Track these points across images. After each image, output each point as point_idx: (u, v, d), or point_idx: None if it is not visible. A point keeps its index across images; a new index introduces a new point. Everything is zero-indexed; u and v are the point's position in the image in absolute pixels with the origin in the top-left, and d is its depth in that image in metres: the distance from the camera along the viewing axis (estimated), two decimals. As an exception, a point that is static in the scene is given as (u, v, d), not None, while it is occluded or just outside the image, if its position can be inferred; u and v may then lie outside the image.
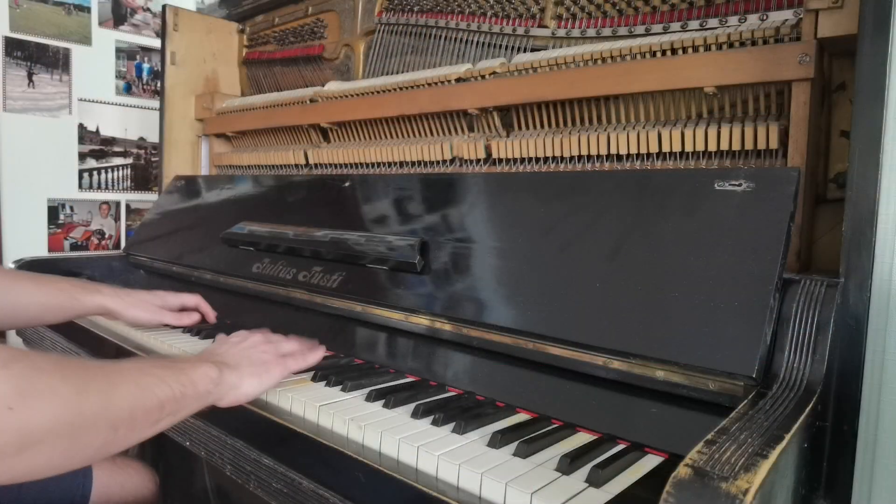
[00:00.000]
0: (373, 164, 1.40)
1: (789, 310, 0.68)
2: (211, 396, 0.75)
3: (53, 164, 2.36)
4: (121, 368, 0.65)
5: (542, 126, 1.13)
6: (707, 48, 0.92)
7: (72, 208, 2.42)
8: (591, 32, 1.13)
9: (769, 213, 0.71)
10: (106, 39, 2.46)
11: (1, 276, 1.00)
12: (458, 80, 1.21)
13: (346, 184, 1.23)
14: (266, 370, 0.82)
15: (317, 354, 0.93)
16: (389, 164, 1.36)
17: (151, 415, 0.65)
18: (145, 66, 2.58)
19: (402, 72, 1.44)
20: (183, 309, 1.20)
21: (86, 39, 2.40)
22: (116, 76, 2.50)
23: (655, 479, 0.63)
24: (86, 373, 0.60)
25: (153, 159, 2.60)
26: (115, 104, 2.50)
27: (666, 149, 0.95)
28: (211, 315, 1.23)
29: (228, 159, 1.84)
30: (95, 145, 2.46)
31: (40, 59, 2.29)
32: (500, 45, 1.27)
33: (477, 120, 1.22)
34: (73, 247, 2.43)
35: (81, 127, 2.42)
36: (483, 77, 1.17)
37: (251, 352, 0.85)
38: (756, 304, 0.66)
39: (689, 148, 0.93)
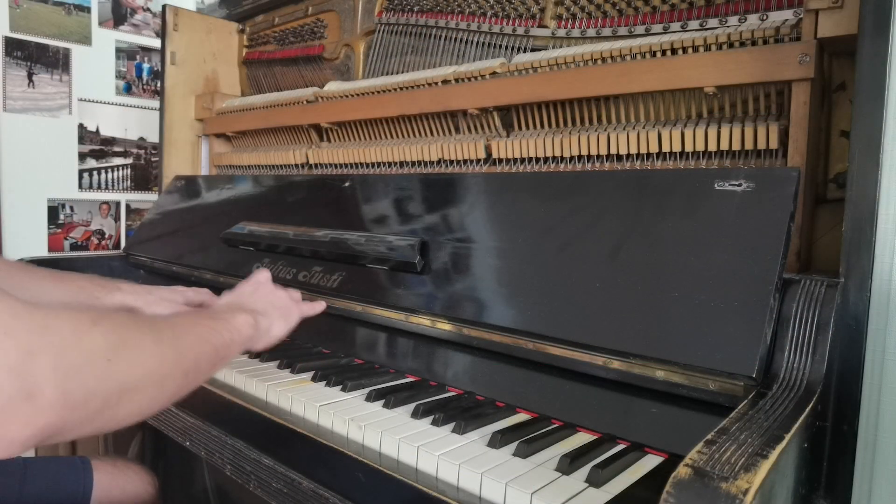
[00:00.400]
0: (373, 164, 1.40)
1: (789, 310, 0.68)
2: (251, 341, 0.82)
3: (53, 164, 2.36)
4: (180, 322, 0.71)
5: (542, 126, 1.13)
6: (707, 48, 0.92)
7: (72, 208, 2.42)
8: (591, 32, 1.13)
9: (769, 213, 0.71)
10: (106, 39, 2.46)
11: (19, 272, 0.99)
12: (458, 80, 1.21)
13: (346, 184, 1.23)
14: (289, 313, 0.91)
15: (322, 303, 1.02)
16: (389, 164, 1.36)
17: (210, 358, 0.71)
18: (145, 66, 2.57)
19: (402, 72, 1.44)
20: (202, 304, 1.19)
21: (86, 39, 2.40)
22: (116, 76, 2.50)
23: (655, 479, 0.63)
24: (157, 326, 0.65)
25: (153, 159, 2.60)
26: (115, 104, 2.50)
27: (666, 149, 0.95)
28: None
29: (228, 159, 1.84)
30: (95, 145, 2.46)
31: (40, 59, 2.29)
32: (500, 45, 1.27)
33: (477, 120, 1.22)
34: (73, 247, 2.43)
35: (81, 127, 2.42)
36: (483, 77, 1.17)
37: (273, 297, 0.92)
38: (756, 304, 0.66)
39: (689, 148, 0.93)
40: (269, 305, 0.89)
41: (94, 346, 0.53)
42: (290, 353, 1.05)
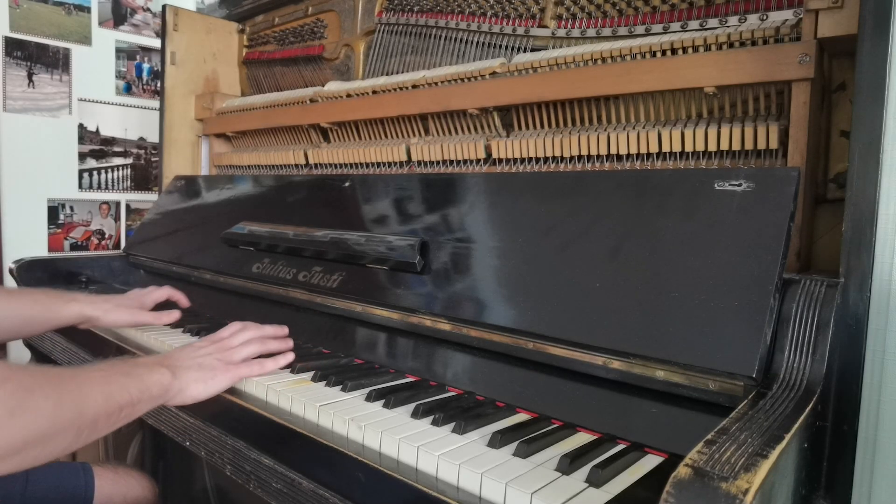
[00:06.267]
0: (373, 164, 1.40)
1: (789, 310, 0.68)
2: (161, 399, 0.81)
3: (53, 164, 2.36)
4: (91, 378, 0.72)
5: (542, 126, 1.13)
6: (707, 48, 0.92)
7: (72, 208, 2.42)
8: (591, 32, 1.13)
9: (769, 213, 0.71)
10: (106, 39, 2.46)
11: None
12: (458, 80, 1.21)
13: (346, 184, 1.23)
14: (213, 377, 0.87)
15: (278, 362, 0.94)
16: (389, 164, 1.36)
17: (111, 418, 0.72)
18: (145, 66, 2.57)
19: (402, 72, 1.44)
20: (158, 303, 1.23)
21: (86, 39, 2.40)
22: (116, 76, 2.50)
23: (655, 479, 0.63)
24: (63, 386, 0.67)
25: (153, 159, 2.60)
26: (115, 104, 2.50)
27: (666, 149, 0.95)
28: (183, 301, 1.27)
29: (228, 159, 1.84)
30: (95, 145, 2.46)
31: (40, 59, 2.29)
32: (500, 45, 1.27)
33: (477, 120, 1.22)
34: (73, 247, 2.43)
35: (81, 127, 2.41)
36: (483, 77, 1.17)
37: (204, 359, 0.89)
38: (756, 304, 0.66)
39: (689, 148, 0.93)
40: (194, 366, 0.86)
41: None
42: (290, 353, 1.05)
